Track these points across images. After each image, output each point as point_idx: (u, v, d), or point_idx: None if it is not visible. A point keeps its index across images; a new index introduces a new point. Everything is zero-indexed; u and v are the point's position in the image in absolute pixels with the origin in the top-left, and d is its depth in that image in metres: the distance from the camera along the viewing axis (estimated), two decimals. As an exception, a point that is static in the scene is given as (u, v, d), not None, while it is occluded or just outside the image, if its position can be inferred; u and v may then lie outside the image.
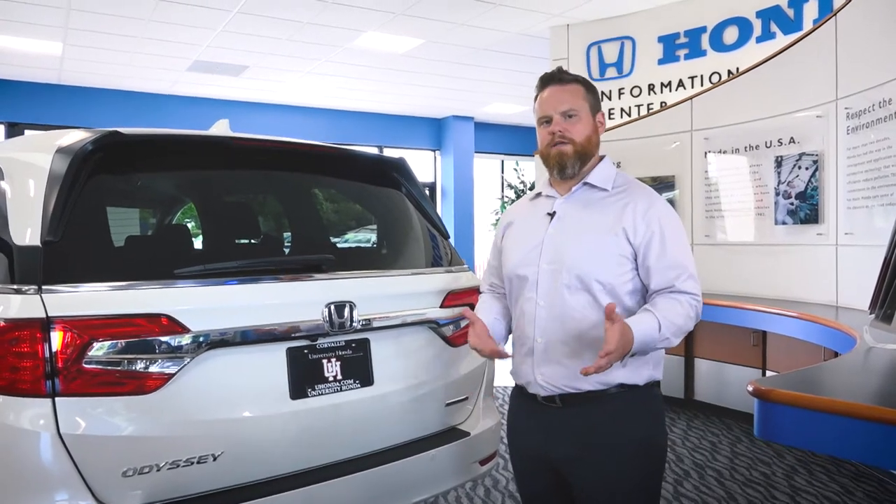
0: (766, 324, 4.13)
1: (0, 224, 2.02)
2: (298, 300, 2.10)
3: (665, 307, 1.69)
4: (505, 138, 12.58)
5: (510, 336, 2.03)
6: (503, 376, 2.65)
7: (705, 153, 5.04)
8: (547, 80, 1.84)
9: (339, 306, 2.15)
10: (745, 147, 4.75)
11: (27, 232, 1.90)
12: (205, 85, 9.09)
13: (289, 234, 2.40)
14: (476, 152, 12.16)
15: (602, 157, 1.87)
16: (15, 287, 1.82)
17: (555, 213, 1.84)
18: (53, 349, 1.74)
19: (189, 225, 2.13)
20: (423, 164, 11.86)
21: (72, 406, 1.75)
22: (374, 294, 2.28)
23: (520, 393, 1.92)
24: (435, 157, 12.16)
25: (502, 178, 12.53)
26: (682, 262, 1.74)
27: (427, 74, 8.80)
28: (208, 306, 1.94)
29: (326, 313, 2.12)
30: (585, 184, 1.82)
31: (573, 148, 1.78)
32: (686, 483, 3.59)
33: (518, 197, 11.08)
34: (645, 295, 1.78)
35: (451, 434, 2.52)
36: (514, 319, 1.94)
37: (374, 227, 2.64)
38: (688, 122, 5.16)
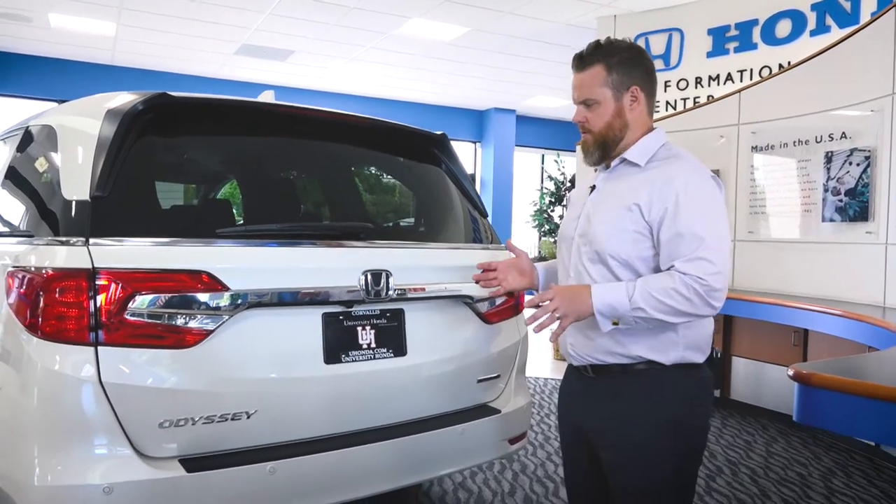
0: (809, 321, 4.03)
1: (52, 181, 2.09)
2: (336, 265, 2.12)
3: (652, 278, 1.63)
4: (546, 132, 12.49)
5: None
6: (535, 367, 2.65)
7: (752, 148, 4.94)
8: (572, 64, 1.80)
9: (376, 274, 2.16)
10: (794, 142, 4.63)
11: (77, 187, 1.96)
12: (251, 69, 9.21)
13: (328, 202, 2.43)
14: (517, 146, 12.11)
15: (652, 130, 1.81)
16: (63, 239, 1.88)
17: (594, 186, 1.84)
18: (98, 299, 1.79)
19: (232, 188, 2.16)
20: (463, 156, 11.84)
21: (113, 356, 1.79)
22: (411, 265, 2.28)
23: (568, 364, 1.93)
24: (475, 149, 12.14)
25: (542, 168, 12.45)
26: (692, 233, 1.60)
27: (471, 64, 8.78)
28: (248, 266, 1.98)
29: (363, 280, 2.13)
30: (623, 159, 1.79)
31: (592, 137, 1.78)
32: (718, 479, 3.53)
33: (557, 189, 11.02)
34: None
35: (481, 410, 2.52)
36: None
37: (413, 200, 2.65)
38: (735, 116, 5.06)
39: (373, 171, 2.55)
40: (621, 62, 1.74)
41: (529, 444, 4.00)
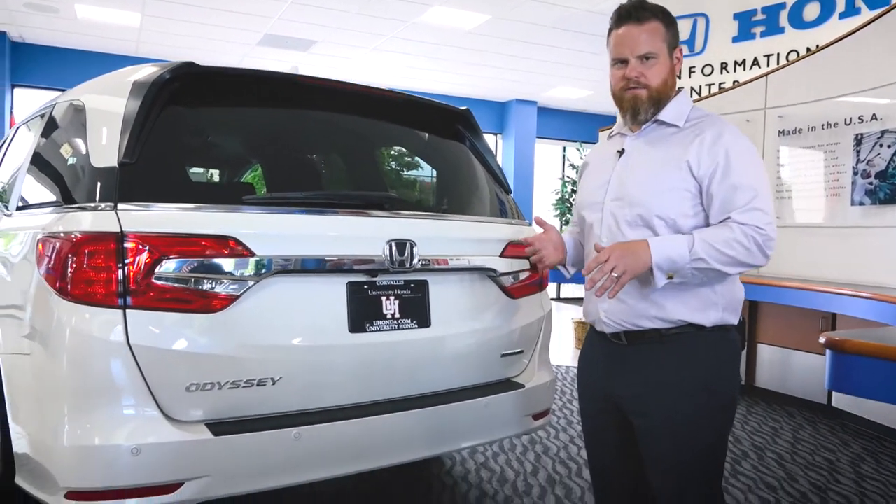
0: (838, 305, 3.95)
1: (81, 152, 2.12)
2: (360, 234, 2.12)
3: (708, 231, 1.63)
4: (567, 124, 12.43)
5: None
6: (557, 355, 2.63)
7: (779, 132, 4.86)
8: (624, 17, 1.74)
9: (400, 244, 2.16)
10: (823, 125, 4.55)
11: (105, 155, 1.99)
12: (273, 60, 9.26)
13: (352, 172, 2.43)
14: (538, 137, 12.06)
15: (679, 91, 1.80)
16: (92, 205, 1.90)
17: (623, 150, 1.80)
18: (126, 263, 1.81)
19: (257, 157, 2.17)
20: (483, 148, 11.81)
21: (141, 318, 1.81)
22: (435, 235, 2.28)
23: (591, 331, 1.91)
24: (496, 141, 12.11)
25: (564, 156, 12.37)
26: (746, 185, 1.61)
27: (492, 53, 8.75)
28: (273, 233, 1.99)
29: (387, 250, 2.13)
30: (657, 121, 1.76)
31: (648, 93, 1.72)
32: (744, 463, 3.49)
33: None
34: None
35: (505, 385, 2.51)
36: (585, 258, 1.93)
37: (437, 173, 2.64)
38: (761, 100, 4.98)
39: (397, 144, 2.54)
40: (671, 22, 1.75)
41: (552, 428, 3.98)
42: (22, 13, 7.59)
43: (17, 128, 3.46)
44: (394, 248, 2.14)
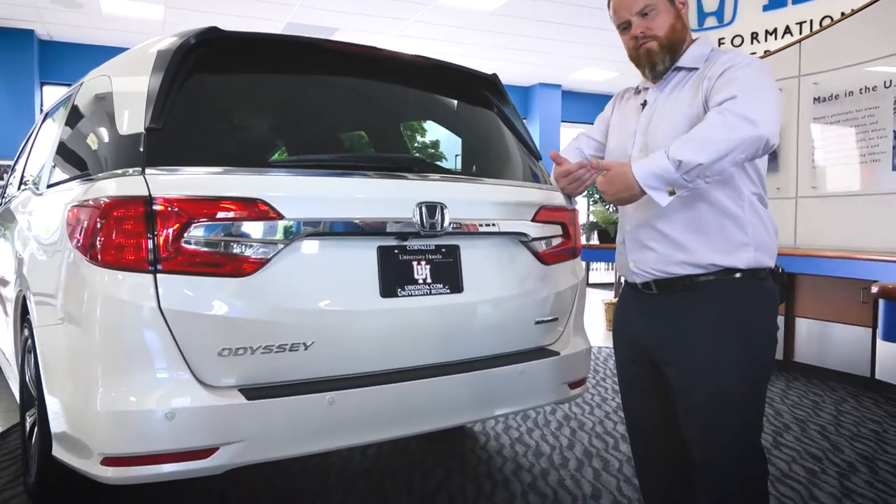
0: (881, 273, 3.81)
1: (108, 123, 2.12)
2: (390, 197, 2.08)
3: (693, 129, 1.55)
4: (593, 108, 12.26)
5: None
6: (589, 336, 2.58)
7: (814, 99, 4.72)
8: None
9: (431, 207, 2.11)
10: (861, 89, 4.41)
11: (132, 123, 1.98)
12: (296, 50, 9.26)
13: (380, 137, 2.39)
14: (562, 122, 11.93)
15: (695, 40, 1.76)
16: (121, 171, 1.89)
17: (646, 102, 1.79)
18: (155, 227, 1.79)
19: (284, 120, 2.14)
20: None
21: (172, 282, 1.79)
22: (466, 199, 2.23)
23: (625, 286, 1.89)
24: (520, 126, 12.01)
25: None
26: (733, 82, 1.54)
27: (515, 35, 8.66)
28: (303, 195, 1.96)
29: (417, 213, 2.09)
30: (676, 68, 1.74)
31: (658, 43, 1.71)
32: (786, 435, 3.39)
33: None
34: (737, 179, 1.63)
35: (540, 352, 2.46)
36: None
37: (466, 138, 2.59)
38: (795, 68, 4.84)
39: (425, 108, 2.50)
40: None
41: (586, 404, 3.92)
42: (48, 10, 7.68)
43: (46, 114, 3.49)
44: (424, 210, 2.10)
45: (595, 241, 6.79)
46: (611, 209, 6.62)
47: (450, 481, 2.74)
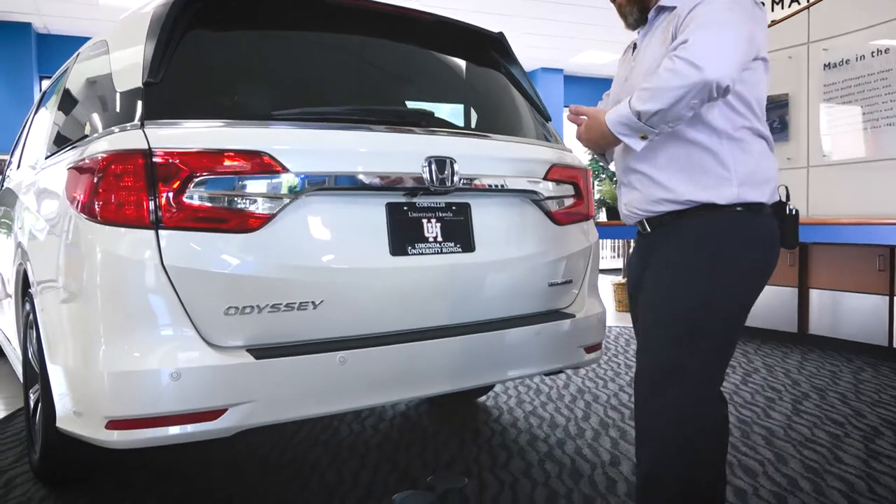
0: (899, 237, 3.75)
1: (105, 84, 2.06)
2: (398, 150, 2.02)
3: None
4: (596, 92, 12.14)
5: None
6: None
7: (824, 66, 4.63)
8: None
9: (440, 161, 2.04)
10: (873, 52, 4.32)
11: (129, 78, 1.92)
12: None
13: (385, 90, 2.31)
14: (565, 107, 11.82)
15: None
16: (119, 127, 1.82)
17: (636, 47, 1.81)
18: (156, 181, 1.72)
19: (286, 72, 2.07)
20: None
21: (174, 238, 1.73)
22: (475, 154, 2.16)
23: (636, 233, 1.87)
24: (523, 112, 11.92)
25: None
26: (701, 25, 1.48)
27: (517, 17, 8.56)
28: (308, 148, 1.89)
29: (426, 167, 2.02)
30: (658, 8, 1.71)
31: None
32: (806, 402, 3.32)
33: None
34: (711, 114, 1.58)
35: (555, 315, 2.40)
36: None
37: (473, 95, 2.51)
38: (804, 35, 4.75)
39: (430, 63, 2.42)
40: None
41: (599, 379, 3.85)
42: (45, 2, 7.61)
43: (43, 94, 3.43)
44: (433, 165, 2.03)
45: (603, 217, 6.70)
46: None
47: (464, 451, 2.68)
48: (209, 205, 1.75)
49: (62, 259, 1.86)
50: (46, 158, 2.49)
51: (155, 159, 1.71)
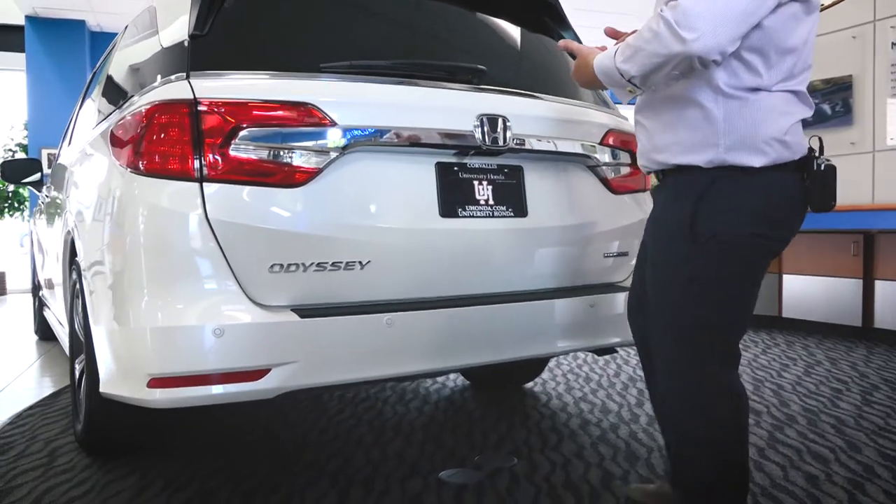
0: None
1: (153, 42, 2.03)
2: (449, 107, 1.93)
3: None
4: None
5: None
6: None
7: (893, 44, 4.40)
8: None
9: (492, 119, 1.95)
10: (946, 29, 4.08)
11: (176, 33, 1.88)
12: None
13: (437, 44, 2.21)
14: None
15: None
16: (164, 79, 1.78)
17: None
18: (201, 132, 1.67)
19: (335, 24, 2.01)
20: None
21: (219, 191, 1.67)
22: (529, 114, 2.06)
23: None
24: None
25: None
26: None
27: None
28: (357, 101, 1.82)
29: (478, 125, 1.93)
30: None
31: None
32: (876, 393, 3.12)
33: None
34: (717, 71, 1.42)
35: (610, 287, 2.28)
36: None
37: (526, 58, 2.41)
38: (869, 13, 4.52)
39: (484, 24, 2.32)
40: None
41: (651, 368, 3.70)
42: (99, -1, 7.78)
43: (94, 72, 3.45)
44: (486, 123, 1.94)
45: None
46: None
47: (512, 433, 2.57)
48: (255, 157, 1.69)
49: (106, 215, 1.83)
50: (94, 128, 2.48)
51: (200, 108, 1.66)
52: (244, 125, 1.68)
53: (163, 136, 1.67)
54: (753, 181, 1.43)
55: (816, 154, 1.48)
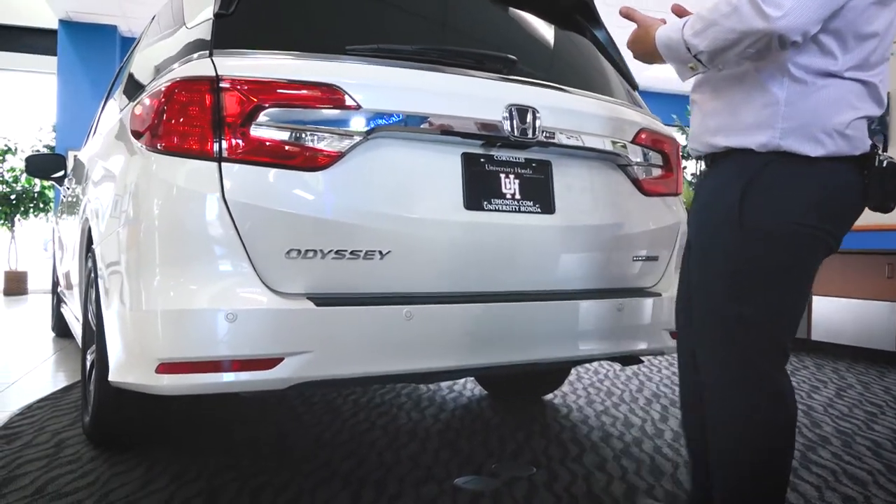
0: None
1: (178, 26, 2.00)
2: (477, 95, 1.87)
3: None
4: (662, 108, 11.81)
5: None
6: None
7: (932, 62, 4.28)
8: None
9: (522, 110, 1.89)
10: None
11: (200, 14, 1.85)
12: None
13: (467, 31, 2.16)
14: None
15: None
16: (188, 56, 1.74)
17: None
18: (222, 110, 1.62)
19: (361, 9, 1.96)
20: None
21: (238, 172, 1.62)
22: (559, 107, 1.99)
23: None
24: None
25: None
26: None
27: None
28: (382, 85, 1.76)
29: (507, 116, 1.86)
30: None
31: None
32: (912, 418, 2.98)
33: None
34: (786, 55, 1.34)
35: (639, 292, 2.19)
36: None
37: (558, 53, 2.34)
38: (908, 31, 4.41)
39: (515, 14, 2.26)
40: None
41: (675, 385, 3.58)
42: (129, 3, 7.87)
43: (121, 67, 3.45)
44: (515, 114, 1.87)
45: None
46: None
47: (531, 443, 2.47)
48: (276, 138, 1.64)
49: (122, 195, 1.78)
50: (116, 117, 2.45)
51: (222, 86, 1.62)
52: (266, 105, 1.63)
53: (182, 113, 1.63)
54: (807, 171, 1.34)
55: (879, 151, 1.40)
